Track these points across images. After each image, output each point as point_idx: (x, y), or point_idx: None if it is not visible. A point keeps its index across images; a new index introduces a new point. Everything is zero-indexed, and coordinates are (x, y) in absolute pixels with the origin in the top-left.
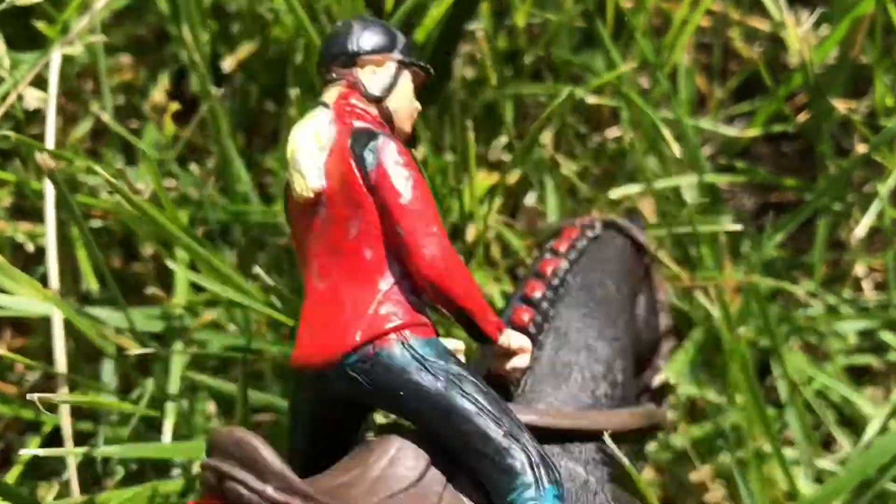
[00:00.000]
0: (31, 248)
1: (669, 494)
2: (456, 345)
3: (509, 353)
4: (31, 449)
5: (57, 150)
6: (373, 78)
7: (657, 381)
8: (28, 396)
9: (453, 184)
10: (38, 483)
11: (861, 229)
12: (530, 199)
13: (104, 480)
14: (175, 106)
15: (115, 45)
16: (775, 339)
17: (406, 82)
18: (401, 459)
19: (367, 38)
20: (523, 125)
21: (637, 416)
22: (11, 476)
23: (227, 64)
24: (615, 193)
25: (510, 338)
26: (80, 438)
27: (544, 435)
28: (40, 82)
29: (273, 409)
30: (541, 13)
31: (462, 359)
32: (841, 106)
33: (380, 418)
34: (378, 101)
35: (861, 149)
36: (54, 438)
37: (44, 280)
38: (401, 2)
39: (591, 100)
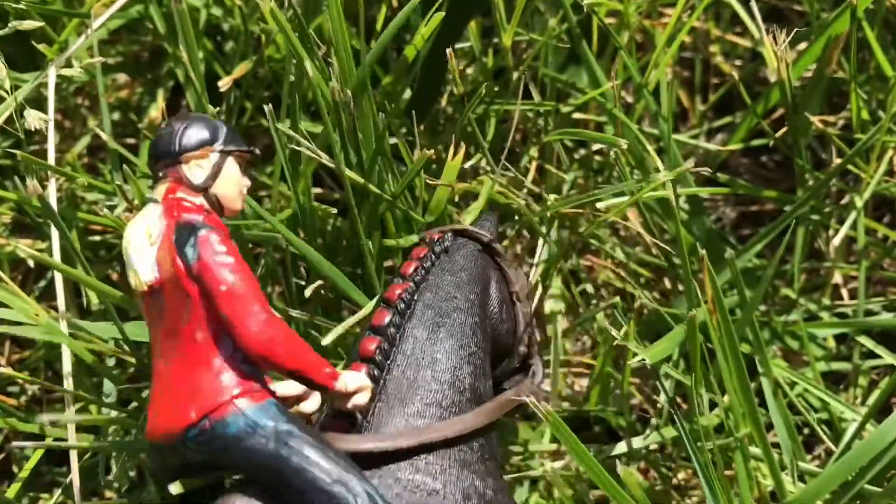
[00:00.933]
0: (31, 263)
1: (656, 493)
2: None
3: (349, 395)
4: (30, 462)
5: (58, 168)
6: (197, 171)
7: (516, 361)
8: (44, 419)
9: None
10: (40, 496)
11: (838, 239)
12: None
13: (104, 491)
14: None
15: (110, 63)
16: (759, 342)
17: (232, 167)
18: None
19: (188, 137)
20: (513, 138)
21: (485, 411)
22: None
23: (223, 83)
24: (602, 204)
25: (346, 381)
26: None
27: (390, 457)
28: (39, 100)
29: None
30: (526, 32)
31: (315, 400)
32: (817, 120)
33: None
34: (203, 190)
35: (837, 161)
36: (53, 451)
37: (45, 294)
38: (390, 21)
39: (577, 115)
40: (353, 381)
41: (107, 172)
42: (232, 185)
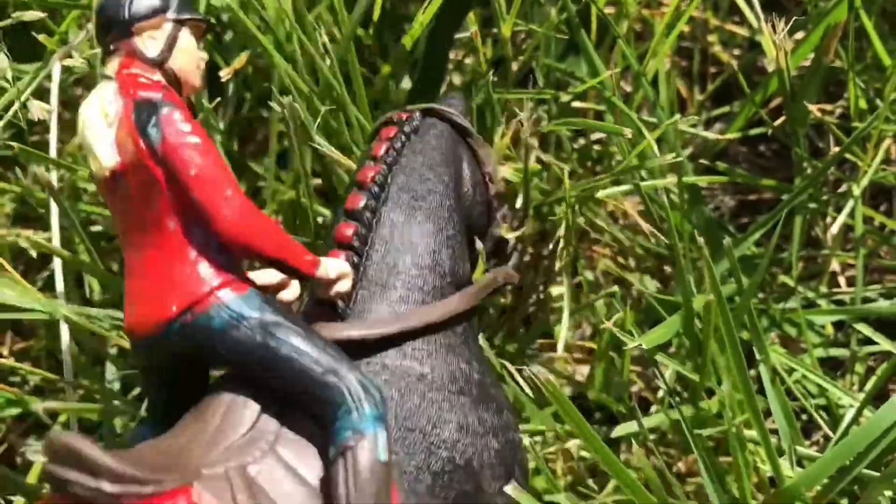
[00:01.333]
0: (33, 253)
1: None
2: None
3: (331, 282)
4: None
5: (59, 160)
6: (151, 43)
7: (490, 245)
8: (33, 407)
9: None
10: (44, 486)
11: (836, 227)
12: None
13: None
14: None
15: None
16: (756, 329)
17: (187, 38)
18: (233, 411)
19: (137, 4)
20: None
21: (467, 295)
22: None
23: (224, 73)
24: (602, 194)
25: (328, 268)
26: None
27: (376, 344)
28: (39, 91)
29: None
30: (526, 24)
31: (294, 289)
32: (815, 109)
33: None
34: (160, 64)
35: (835, 150)
36: None
37: (47, 285)
38: (388, 10)
39: (577, 104)
40: (335, 268)
41: None
42: (189, 57)
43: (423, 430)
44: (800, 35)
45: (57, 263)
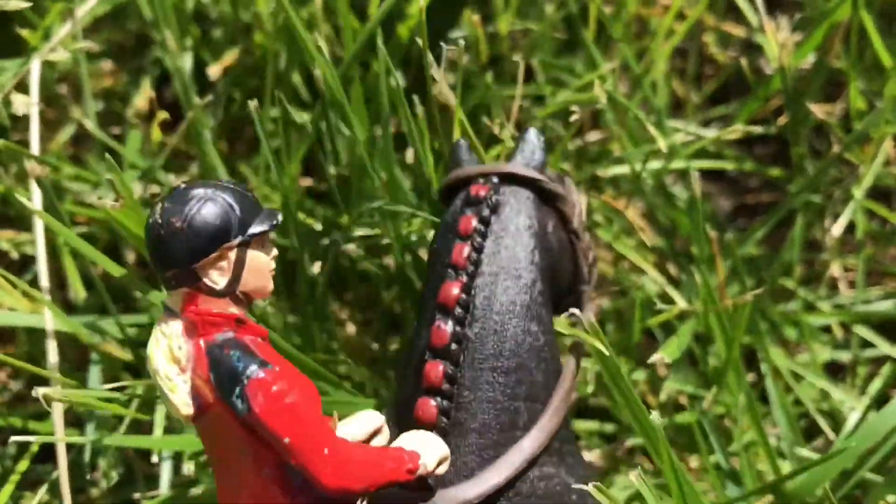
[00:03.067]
0: (15, 255)
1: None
2: (376, 420)
3: (432, 473)
4: (23, 460)
5: (43, 157)
6: (217, 276)
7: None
8: (33, 392)
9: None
10: (23, 494)
11: (837, 228)
12: None
13: (90, 490)
14: (163, 114)
15: (95, 50)
16: (760, 333)
17: (255, 255)
18: None
19: (198, 238)
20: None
21: (557, 406)
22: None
23: (213, 71)
24: (602, 171)
25: (427, 463)
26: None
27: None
28: (21, 88)
29: None
30: (522, 22)
31: (385, 434)
32: (818, 110)
33: None
34: (230, 293)
35: (837, 149)
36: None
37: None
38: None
39: (574, 104)
40: (434, 458)
41: (93, 162)
42: (259, 274)
43: None
44: (798, 37)
45: (42, 267)
